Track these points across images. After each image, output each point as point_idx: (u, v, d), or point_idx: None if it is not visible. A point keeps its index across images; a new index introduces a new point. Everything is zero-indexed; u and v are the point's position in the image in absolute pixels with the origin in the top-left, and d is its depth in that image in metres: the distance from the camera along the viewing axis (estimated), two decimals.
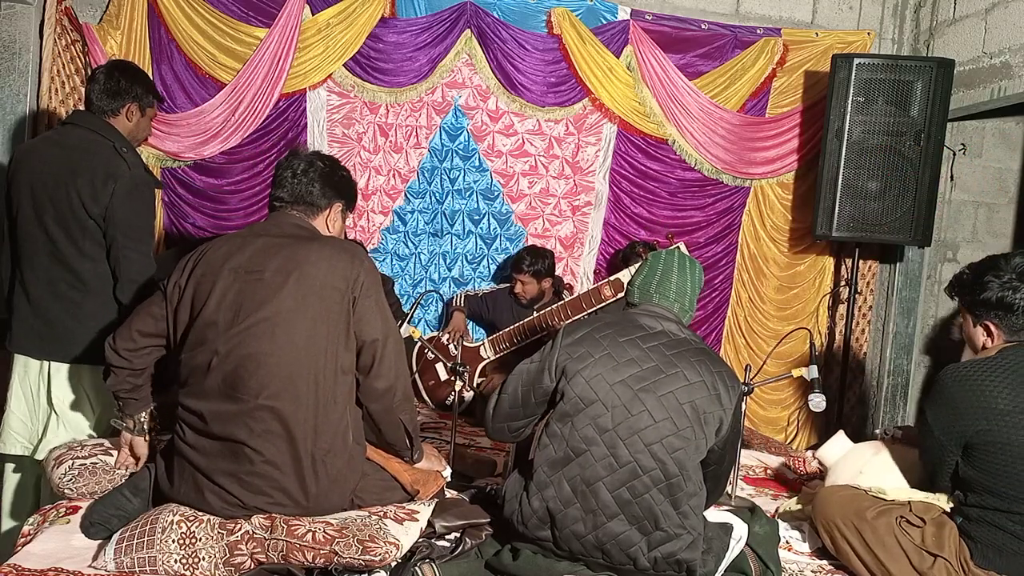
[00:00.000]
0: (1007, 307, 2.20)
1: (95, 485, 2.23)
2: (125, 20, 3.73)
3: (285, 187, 2.19)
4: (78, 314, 2.55)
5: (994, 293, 2.22)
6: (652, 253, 2.28)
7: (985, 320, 2.26)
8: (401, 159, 4.15)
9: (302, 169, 2.20)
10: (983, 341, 2.29)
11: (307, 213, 2.21)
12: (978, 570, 2.10)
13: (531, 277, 3.95)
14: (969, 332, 2.33)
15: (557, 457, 2.00)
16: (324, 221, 2.24)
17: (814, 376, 2.79)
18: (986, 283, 2.24)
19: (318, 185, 2.20)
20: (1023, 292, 2.19)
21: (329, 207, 2.24)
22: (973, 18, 4.03)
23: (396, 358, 2.11)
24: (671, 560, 1.96)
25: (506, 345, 3.83)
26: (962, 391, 2.14)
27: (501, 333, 3.84)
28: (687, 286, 2.18)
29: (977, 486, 2.15)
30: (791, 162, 4.40)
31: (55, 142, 2.64)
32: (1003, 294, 2.20)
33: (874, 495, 2.31)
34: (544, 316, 3.73)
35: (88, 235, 2.53)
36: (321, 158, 2.26)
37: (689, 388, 1.98)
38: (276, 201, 2.21)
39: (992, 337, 2.26)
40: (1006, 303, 2.20)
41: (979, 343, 2.30)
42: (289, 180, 2.19)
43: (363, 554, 1.90)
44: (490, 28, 4.08)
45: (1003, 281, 2.21)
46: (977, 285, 2.26)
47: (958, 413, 2.14)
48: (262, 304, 1.98)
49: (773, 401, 4.52)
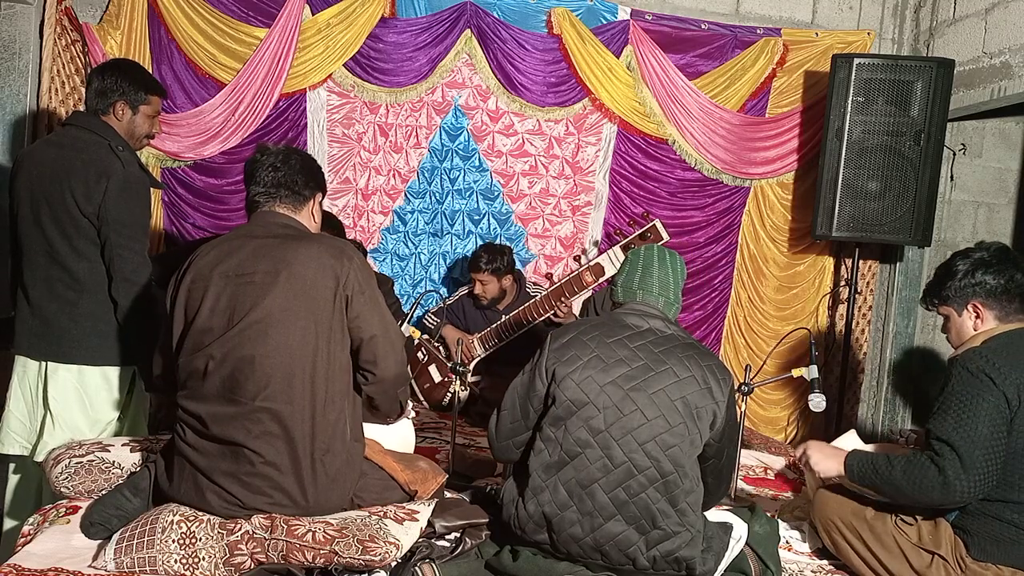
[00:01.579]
0: (984, 281, 2.23)
1: (92, 483, 2.23)
2: (125, 20, 3.73)
3: (266, 180, 2.15)
4: (74, 314, 2.55)
5: (967, 271, 2.25)
6: (631, 250, 2.27)
7: (971, 301, 2.27)
8: (401, 159, 4.16)
9: (282, 160, 2.16)
10: (973, 324, 2.28)
11: (292, 207, 2.18)
12: (975, 565, 2.11)
13: (491, 275, 3.87)
14: (958, 325, 2.32)
15: (552, 461, 2.00)
16: (309, 213, 2.22)
17: (814, 376, 2.79)
18: (956, 266, 2.28)
19: (301, 176, 2.18)
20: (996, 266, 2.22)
21: (312, 198, 2.22)
22: (973, 18, 4.03)
23: (397, 350, 2.12)
24: (670, 558, 1.96)
25: (495, 341, 3.84)
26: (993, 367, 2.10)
27: (489, 330, 3.84)
28: (669, 279, 2.17)
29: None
30: (791, 162, 4.40)
31: (52, 142, 2.65)
32: (976, 270, 2.24)
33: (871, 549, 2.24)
34: (530, 308, 3.74)
35: (83, 234, 2.52)
36: (294, 150, 2.24)
37: (679, 384, 1.98)
38: (258, 197, 2.17)
39: (981, 318, 2.26)
40: (982, 278, 2.23)
41: (969, 329, 2.28)
42: (270, 172, 2.15)
43: (363, 554, 1.90)
44: (490, 28, 4.08)
45: (974, 259, 2.26)
46: (948, 273, 2.30)
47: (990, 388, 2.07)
48: (254, 306, 1.98)
49: (773, 401, 4.52)
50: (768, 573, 2.17)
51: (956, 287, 2.27)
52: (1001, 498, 2.11)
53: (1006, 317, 2.24)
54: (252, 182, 2.17)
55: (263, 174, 2.16)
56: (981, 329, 2.26)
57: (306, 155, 2.26)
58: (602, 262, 3.70)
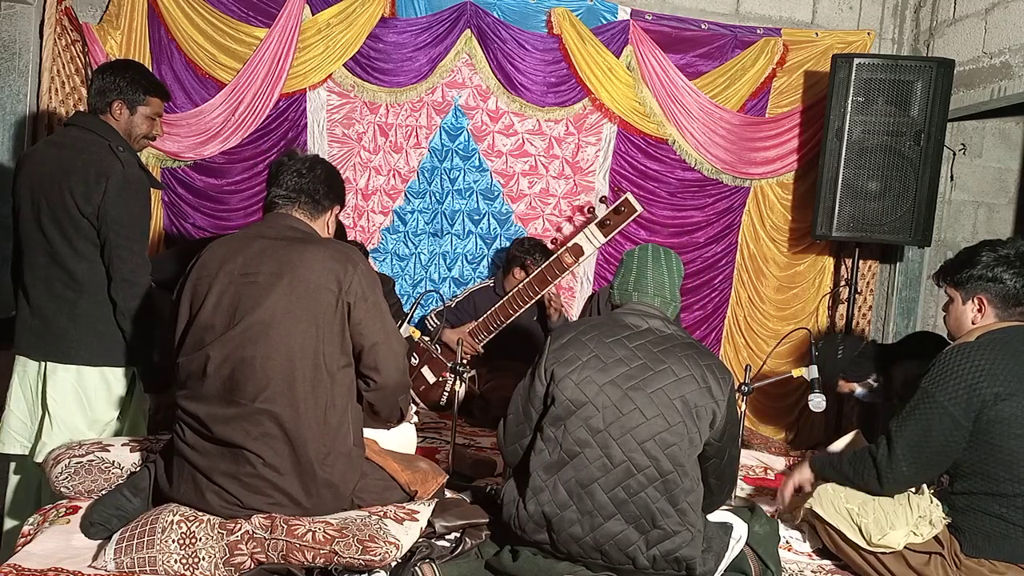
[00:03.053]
0: (1000, 280, 2.24)
1: (92, 483, 2.23)
2: (125, 20, 3.73)
3: (289, 184, 2.16)
4: (73, 314, 2.55)
5: (989, 264, 2.26)
6: (626, 252, 2.28)
7: (977, 294, 2.28)
8: (401, 159, 4.16)
9: (308, 167, 2.19)
10: (973, 316, 2.29)
11: (309, 213, 2.19)
12: (969, 561, 2.12)
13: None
14: (958, 312, 2.33)
15: (552, 461, 2.00)
16: (324, 223, 2.24)
17: (814, 376, 2.79)
18: (980, 256, 2.28)
19: (324, 186, 2.20)
20: (1016, 268, 2.23)
21: (330, 209, 2.25)
22: (973, 18, 4.03)
23: (398, 357, 2.12)
24: (670, 558, 1.96)
25: (484, 334, 3.84)
26: (970, 363, 2.14)
27: (477, 323, 3.84)
28: (664, 278, 2.17)
29: (968, 469, 2.16)
30: (791, 162, 4.40)
31: (53, 143, 2.65)
32: (997, 266, 2.24)
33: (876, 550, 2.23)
34: (515, 296, 3.74)
35: (82, 234, 2.52)
36: (321, 160, 2.26)
37: (679, 383, 1.98)
38: (277, 199, 2.18)
39: (983, 312, 2.28)
40: (999, 276, 2.24)
41: (969, 319, 2.30)
42: (294, 177, 2.17)
43: (363, 554, 1.90)
44: (490, 28, 4.08)
45: (999, 254, 2.26)
46: (970, 260, 2.30)
47: (970, 384, 2.12)
48: (256, 307, 1.98)
49: (773, 401, 4.52)
50: (768, 573, 2.17)
51: (973, 275, 2.28)
52: (986, 492, 2.13)
53: (1007, 317, 2.25)
54: (274, 184, 2.19)
55: (287, 178, 2.17)
56: (979, 323, 2.27)
57: (331, 167, 2.27)
58: (579, 242, 3.67)
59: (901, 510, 2.23)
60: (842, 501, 2.30)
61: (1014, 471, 2.10)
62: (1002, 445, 2.10)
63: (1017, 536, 2.10)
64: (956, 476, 2.21)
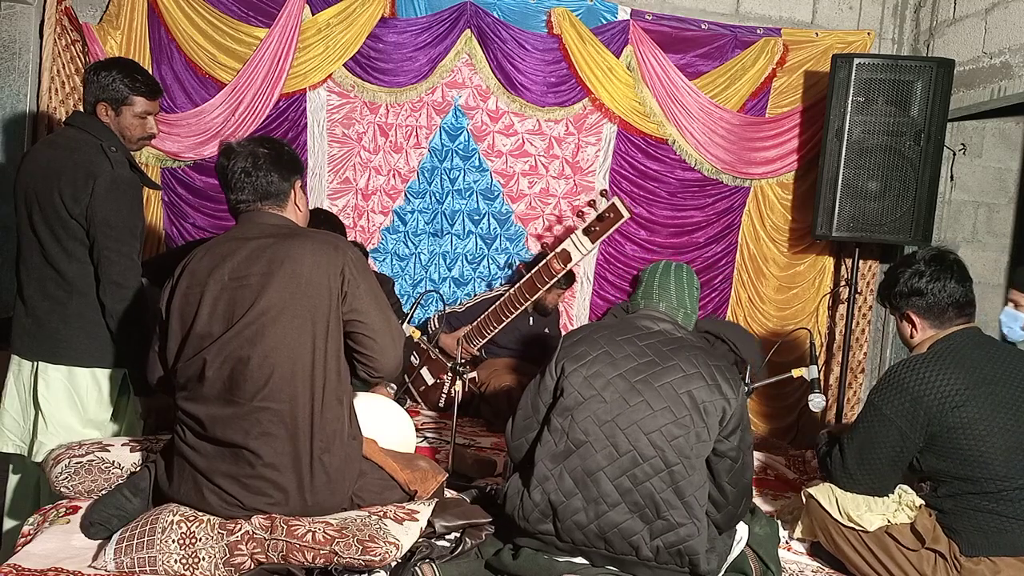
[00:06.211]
0: (918, 292, 2.28)
1: (91, 483, 2.23)
2: (125, 20, 3.73)
3: (244, 188, 2.11)
4: (64, 314, 2.54)
5: (906, 279, 2.30)
6: (646, 269, 2.32)
7: (905, 311, 2.33)
8: (401, 159, 4.16)
9: (252, 163, 2.10)
10: (909, 332, 2.35)
11: (276, 205, 2.14)
12: (968, 562, 2.12)
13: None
14: (900, 330, 2.40)
15: (558, 450, 2.02)
16: (294, 205, 2.19)
17: (814, 376, 2.80)
18: (898, 273, 2.34)
19: (275, 174, 2.12)
20: (929, 276, 2.27)
21: (292, 189, 2.18)
22: (973, 18, 4.03)
23: (395, 342, 2.12)
24: (673, 550, 1.96)
25: (479, 339, 3.84)
26: (917, 378, 2.18)
27: (471, 328, 3.84)
28: (685, 296, 2.24)
29: (946, 475, 2.19)
30: (791, 162, 4.39)
31: (49, 143, 2.64)
32: (912, 280, 2.29)
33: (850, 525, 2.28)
34: (505, 302, 3.74)
35: (71, 235, 2.50)
36: (261, 144, 2.16)
37: (686, 378, 2.01)
38: (240, 204, 2.12)
39: (916, 327, 2.33)
40: (916, 288, 2.28)
41: (906, 335, 2.37)
42: (243, 180, 2.10)
43: (363, 554, 1.90)
44: (490, 28, 4.08)
45: (912, 269, 2.31)
46: (891, 280, 2.36)
47: (918, 399, 2.17)
48: (250, 307, 1.98)
49: (773, 401, 4.52)
50: (768, 574, 2.17)
51: (895, 294, 2.35)
52: (973, 491, 2.15)
53: (946, 324, 2.29)
54: (228, 189, 2.13)
55: (237, 181, 2.11)
56: (919, 338, 2.33)
57: (273, 145, 2.17)
58: (567, 247, 3.66)
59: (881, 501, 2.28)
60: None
61: (991, 470, 2.12)
62: (971, 448, 2.13)
63: (1013, 528, 2.11)
64: (938, 482, 2.24)
